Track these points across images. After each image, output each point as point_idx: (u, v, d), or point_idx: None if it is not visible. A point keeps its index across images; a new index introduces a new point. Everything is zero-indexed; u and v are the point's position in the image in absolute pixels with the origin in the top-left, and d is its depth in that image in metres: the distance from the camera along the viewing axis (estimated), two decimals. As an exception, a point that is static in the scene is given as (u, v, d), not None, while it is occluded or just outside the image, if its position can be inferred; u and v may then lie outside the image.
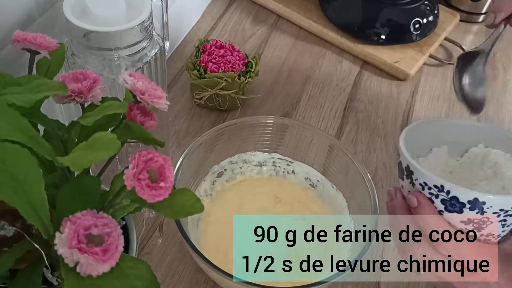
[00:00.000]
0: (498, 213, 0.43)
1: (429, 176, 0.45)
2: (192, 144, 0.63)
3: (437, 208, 0.46)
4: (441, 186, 0.45)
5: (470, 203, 0.44)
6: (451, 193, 0.44)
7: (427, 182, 0.46)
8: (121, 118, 0.40)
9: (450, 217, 0.45)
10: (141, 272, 0.35)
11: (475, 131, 0.52)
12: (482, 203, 0.43)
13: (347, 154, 0.65)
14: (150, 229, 0.67)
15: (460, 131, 0.53)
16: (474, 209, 0.44)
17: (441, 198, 0.45)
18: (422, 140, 0.52)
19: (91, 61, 0.53)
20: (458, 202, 0.44)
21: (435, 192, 0.45)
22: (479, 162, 0.52)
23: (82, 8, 0.51)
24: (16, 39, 0.41)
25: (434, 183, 0.45)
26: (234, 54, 0.77)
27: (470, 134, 0.52)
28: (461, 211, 0.45)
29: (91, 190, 0.37)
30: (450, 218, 0.45)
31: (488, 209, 0.43)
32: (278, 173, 0.71)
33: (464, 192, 0.44)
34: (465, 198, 0.44)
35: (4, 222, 0.37)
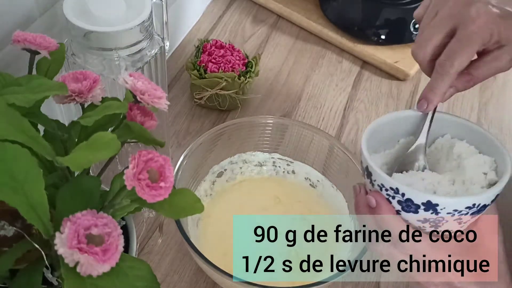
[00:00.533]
0: (452, 213, 0.44)
1: (385, 178, 0.46)
2: (192, 144, 0.63)
3: (395, 208, 0.46)
4: (396, 188, 0.45)
5: (424, 205, 0.45)
6: (406, 195, 0.45)
7: (384, 184, 0.46)
8: (121, 118, 0.40)
9: (407, 217, 0.46)
10: (141, 272, 0.35)
11: (442, 122, 0.52)
12: (435, 205, 0.44)
13: (347, 154, 0.65)
14: (150, 229, 0.67)
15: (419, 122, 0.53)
16: (428, 210, 0.45)
17: (397, 199, 0.46)
18: (389, 133, 0.53)
19: (91, 61, 0.53)
20: (413, 204, 0.45)
21: (391, 193, 0.46)
22: (445, 153, 0.52)
23: (82, 8, 0.51)
24: (16, 39, 0.41)
25: (390, 185, 0.46)
26: (234, 54, 0.77)
27: (437, 125, 0.52)
28: (417, 212, 0.45)
29: (91, 190, 0.37)
30: (407, 217, 0.46)
31: (441, 210, 0.44)
32: (278, 173, 0.71)
33: (418, 195, 0.44)
34: (419, 200, 0.44)
35: (4, 222, 0.37)
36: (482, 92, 0.89)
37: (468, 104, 0.87)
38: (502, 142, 0.50)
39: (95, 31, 0.50)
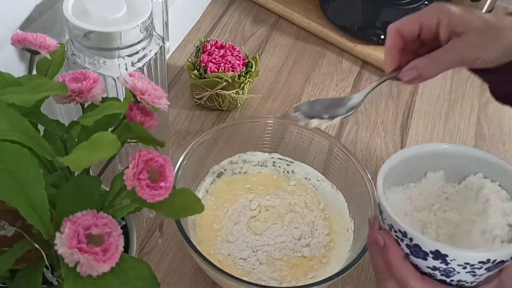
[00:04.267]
0: (463, 266, 0.42)
1: (394, 219, 0.43)
2: (192, 144, 0.63)
3: (404, 251, 0.44)
4: (404, 232, 0.43)
5: (433, 253, 0.42)
6: (414, 240, 0.43)
7: (393, 225, 0.44)
8: (121, 118, 0.40)
9: (417, 262, 0.44)
10: (141, 272, 0.35)
11: (477, 160, 0.49)
12: (445, 255, 0.42)
13: (347, 154, 0.65)
14: (150, 229, 0.67)
15: (458, 158, 0.50)
16: (437, 259, 0.42)
17: (405, 242, 0.44)
18: (415, 165, 0.50)
19: (91, 61, 0.53)
20: (421, 250, 0.43)
21: (400, 236, 0.44)
22: (474, 194, 0.49)
23: (82, 8, 0.51)
24: (16, 39, 0.41)
25: (398, 227, 0.43)
26: (234, 54, 0.77)
27: (471, 162, 0.49)
28: (426, 259, 0.43)
29: (91, 190, 0.37)
30: (417, 262, 0.44)
31: (451, 261, 0.42)
32: (278, 173, 0.71)
33: (426, 242, 0.42)
34: (427, 248, 0.42)
35: (4, 222, 0.37)
36: (482, 92, 0.89)
37: (468, 104, 0.87)
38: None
39: (95, 31, 0.50)
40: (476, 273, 0.42)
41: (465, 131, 0.83)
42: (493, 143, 0.82)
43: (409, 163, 0.50)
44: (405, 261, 0.44)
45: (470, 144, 0.81)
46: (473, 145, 0.81)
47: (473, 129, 0.84)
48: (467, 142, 0.82)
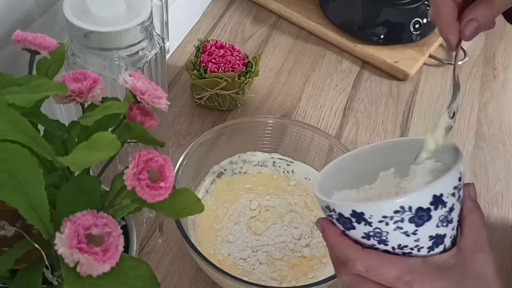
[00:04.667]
0: (385, 222, 0.40)
1: (318, 197, 0.43)
2: (192, 144, 0.63)
3: (340, 229, 0.43)
4: (326, 206, 0.43)
5: (353, 216, 0.41)
6: (336, 210, 0.42)
7: (322, 206, 0.44)
8: (121, 118, 0.40)
9: (352, 235, 0.43)
10: (141, 272, 0.35)
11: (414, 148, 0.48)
12: (361, 214, 0.41)
13: (347, 154, 0.65)
14: (150, 229, 0.67)
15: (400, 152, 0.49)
16: (359, 221, 0.41)
17: (335, 218, 0.43)
18: (365, 167, 0.49)
19: (91, 61, 0.53)
20: (345, 218, 0.42)
21: (329, 213, 0.43)
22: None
23: (82, 8, 0.51)
24: (16, 39, 0.41)
25: (322, 204, 0.43)
26: (234, 54, 0.77)
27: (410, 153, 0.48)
28: (353, 227, 0.42)
29: (91, 190, 0.37)
30: (352, 235, 0.43)
31: (370, 218, 0.41)
32: (278, 173, 0.71)
33: (342, 206, 0.41)
34: (346, 212, 0.41)
35: (4, 222, 0.37)
36: (482, 92, 0.89)
37: (468, 104, 0.87)
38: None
39: (95, 31, 0.50)
40: (407, 231, 0.41)
41: (465, 131, 0.83)
42: (493, 143, 0.82)
43: (356, 165, 0.49)
44: (343, 237, 0.43)
45: (470, 144, 0.81)
46: (473, 145, 0.81)
47: (473, 129, 0.84)
48: (467, 142, 0.82)
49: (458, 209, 0.43)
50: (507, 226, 0.72)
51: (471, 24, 0.46)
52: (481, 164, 0.79)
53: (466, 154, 0.80)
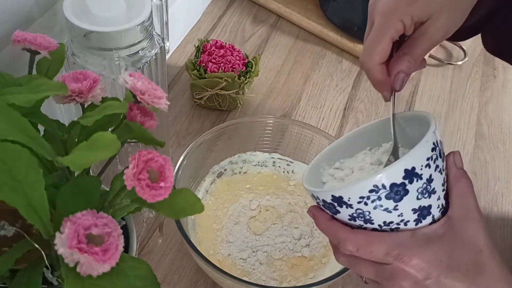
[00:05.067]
0: (364, 202, 0.41)
1: (305, 188, 0.45)
2: (192, 144, 0.63)
3: (329, 214, 0.45)
4: (312, 195, 0.45)
5: (334, 201, 0.42)
6: (320, 197, 0.44)
7: (310, 195, 0.46)
8: (121, 118, 0.40)
9: (340, 218, 0.44)
10: (141, 272, 0.35)
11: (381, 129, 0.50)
12: (340, 197, 0.42)
13: (347, 154, 0.65)
14: (150, 229, 0.67)
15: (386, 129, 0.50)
16: (341, 205, 0.42)
17: (321, 205, 0.45)
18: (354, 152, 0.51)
19: (91, 61, 0.53)
20: (329, 203, 0.43)
21: (316, 201, 0.45)
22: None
23: (82, 8, 0.51)
24: (16, 39, 0.41)
25: (309, 193, 0.45)
26: (234, 54, 0.77)
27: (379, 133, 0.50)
28: (338, 211, 0.43)
29: (91, 190, 0.37)
30: (340, 218, 0.44)
31: (349, 200, 0.42)
32: (278, 173, 0.71)
33: (323, 193, 0.43)
34: (328, 198, 0.43)
35: (4, 222, 0.37)
36: (482, 92, 0.89)
37: (468, 104, 0.87)
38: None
39: (95, 31, 0.50)
40: (387, 207, 0.42)
41: (465, 131, 0.83)
42: (493, 143, 0.82)
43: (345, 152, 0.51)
44: (332, 221, 0.45)
45: (470, 144, 0.82)
46: (473, 145, 0.81)
47: (473, 129, 0.84)
48: (467, 142, 0.82)
49: (440, 179, 0.43)
50: (507, 226, 0.72)
51: (399, 77, 0.47)
52: (481, 164, 0.79)
53: (466, 154, 0.80)
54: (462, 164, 0.46)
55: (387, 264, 0.42)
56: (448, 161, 0.45)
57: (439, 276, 0.41)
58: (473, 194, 0.45)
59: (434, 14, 0.46)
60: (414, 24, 0.47)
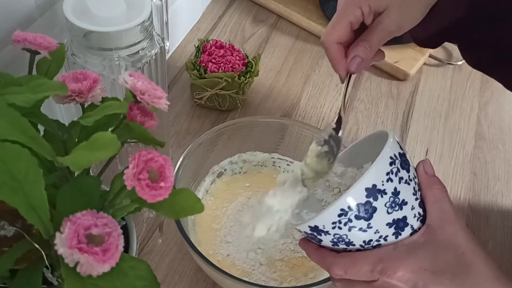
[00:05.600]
0: (337, 226, 0.43)
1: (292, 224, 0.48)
2: (192, 144, 0.63)
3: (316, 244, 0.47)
4: (298, 229, 0.47)
5: (313, 231, 0.45)
6: (302, 230, 0.46)
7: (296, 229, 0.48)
8: (121, 118, 0.40)
9: (325, 245, 0.46)
10: (141, 272, 0.35)
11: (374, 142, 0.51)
12: (316, 227, 0.44)
13: (347, 154, 0.65)
14: (150, 229, 0.67)
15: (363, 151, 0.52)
16: (320, 234, 0.44)
17: (307, 236, 0.47)
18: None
19: (91, 61, 0.53)
20: (310, 234, 0.45)
21: (302, 234, 0.48)
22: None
23: (82, 8, 0.51)
24: (16, 39, 0.41)
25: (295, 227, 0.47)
26: (234, 54, 0.77)
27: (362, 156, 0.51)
28: (321, 239, 0.45)
29: (91, 190, 0.37)
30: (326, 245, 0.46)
31: (325, 228, 0.44)
32: (278, 173, 0.71)
33: (302, 225, 0.45)
34: (307, 229, 0.45)
35: (4, 222, 0.37)
36: (482, 92, 0.89)
37: (468, 104, 0.87)
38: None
39: (95, 31, 0.50)
40: (361, 227, 0.43)
41: (465, 131, 0.83)
42: (493, 143, 0.82)
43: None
44: (319, 250, 0.47)
45: (470, 144, 0.82)
46: (473, 145, 0.81)
47: (473, 129, 0.84)
48: (467, 142, 0.82)
49: (409, 189, 0.44)
50: (507, 226, 0.72)
51: (354, 60, 0.51)
52: (481, 164, 0.79)
53: (466, 154, 0.80)
54: (433, 171, 0.47)
55: (375, 281, 0.43)
56: (419, 170, 0.47)
57: (426, 285, 0.42)
58: (448, 198, 0.46)
59: (389, 6, 0.50)
60: (373, 14, 0.51)
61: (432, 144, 0.81)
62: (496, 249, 0.69)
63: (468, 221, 0.72)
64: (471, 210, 0.73)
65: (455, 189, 0.76)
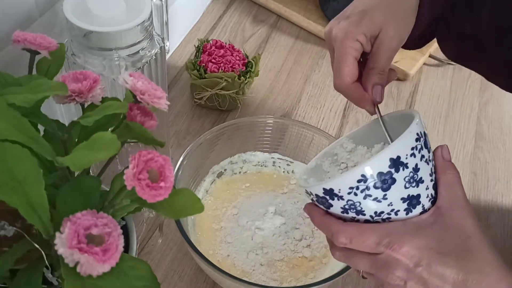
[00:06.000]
0: (353, 192, 0.43)
1: (299, 185, 0.47)
2: (192, 144, 0.63)
3: (323, 209, 0.46)
4: (306, 191, 0.46)
5: (326, 194, 0.44)
6: (313, 192, 0.45)
7: (305, 192, 0.47)
8: (121, 118, 0.40)
9: (333, 212, 0.45)
10: (141, 272, 0.35)
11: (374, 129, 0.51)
12: (331, 190, 0.43)
13: (347, 154, 0.65)
14: (150, 229, 0.67)
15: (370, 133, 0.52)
16: (333, 198, 0.44)
17: (315, 200, 0.46)
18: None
19: (91, 61, 0.53)
20: (321, 198, 0.45)
21: (310, 197, 0.47)
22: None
23: (82, 8, 0.51)
24: (16, 39, 0.41)
25: (304, 190, 0.46)
26: (234, 54, 0.77)
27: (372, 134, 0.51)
28: (331, 204, 0.45)
29: (91, 190, 0.37)
30: (334, 212, 0.45)
31: (340, 192, 0.43)
32: (278, 173, 0.71)
33: (315, 187, 0.44)
34: (320, 192, 0.44)
35: (4, 222, 0.37)
36: (482, 92, 0.89)
37: (468, 104, 0.87)
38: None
39: (95, 31, 0.50)
40: (376, 197, 0.43)
41: (465, 131, 0.83)
42: (493, 143, 0.82)
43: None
44: (326, 216, 0.46)
45: (470, 144, 0.82)
46: (473, 145, 0.81)
47: (473, 129, 0.84)
48: (467, 142, 0.82)
49: (427, 169, 0.45)
50: (507, 226, 0.72)
51: (376, 89, 0.50)
52: (481, 164, 0.79)
53: (466, 154, 0.80)
54: (450, 157, 0.48)
55: (380, 254, 0.43)
56: (436, 154, 0.47)
57: (430, 263, 0.42)
58: (460, 184, 0.46)
59: (383, 26, 0.50)
60: (370, 40, 0.50)
61: (432, 144, 0.80)
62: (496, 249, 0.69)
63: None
64: (471, 210, 0.73)
65: (455, 189, 0.76)
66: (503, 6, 0.55)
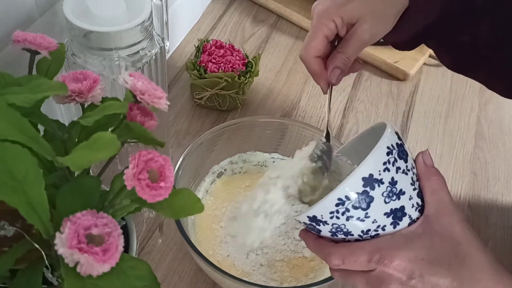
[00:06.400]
0: (335, 216, 0.43)
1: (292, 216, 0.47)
2: (192, 144, 0.63)
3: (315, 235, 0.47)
4: (297, 220, 0.47)
5: (312, 221, 0.44)
6: (301, 220, 0.46)
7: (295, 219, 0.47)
8: (121, 118, 0.40)
9: (324, 236, 0.46)
10: (141, 272, 0.35)
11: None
12: (315, 217, 0.44)
13: (347, 154, 0.65)
14: (150, 229, 0.67)
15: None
16: (319, 224, 0.44)
17: (306, 227, 0.47)
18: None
19: (91, 61, 0.53)
20: (310, 224, 0.45)
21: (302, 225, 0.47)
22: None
23: (82, 8, 0.51)
24: (16, 39, 0.41)
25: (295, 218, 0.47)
26: (234, 54, 0.77)
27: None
28: (320, 230, 0.45)
29: (91, 190, 0.37)
30: (325, 236, 0.46)
31: (323, 218, 0.43)
32: (278, 173, 0.71)
33: (301, 216, 0.45)
34: (306, 220, 0.45)
35: (4, 222, 0.37)
36: (482, 92, 0.89)
37: (468, 104, 0.87)
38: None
39: (95, 31, 0.50)
40: (359, 217, 0.43)
41: (465, 131, 0.83)
42: (493, 143, 0.82)
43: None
44: (318, 240, 0.47)
45: (470, 144, 0.81)
46: (473, 145, 0.81)
47: (473, 129, 0.84)
48: (467, 142, 0.82)
49: (407, 179, 0.44)
50: (507, 226, 0.72)
51: (334, 72, 0.53)
52: (481, 164, 0.79)
53: (466, 154, 0.80)
54: (432, 162, 0.47)
55: (373, 270, 0.43)
56: (417, 161, 0.47)
57: (423, 274, 0.42)
58: (446, 189, 0.46)
59: (361, 17, 0.51)
60: (346, 26, 0.52)
61: (432, 144, 0.81)
62: (496, 249, 0.69)
63: (468, 221, 0.72)
64: (471, 210, 0.73)
65: (455, 189, 0.76)
66: (502, 16, 0.55)
